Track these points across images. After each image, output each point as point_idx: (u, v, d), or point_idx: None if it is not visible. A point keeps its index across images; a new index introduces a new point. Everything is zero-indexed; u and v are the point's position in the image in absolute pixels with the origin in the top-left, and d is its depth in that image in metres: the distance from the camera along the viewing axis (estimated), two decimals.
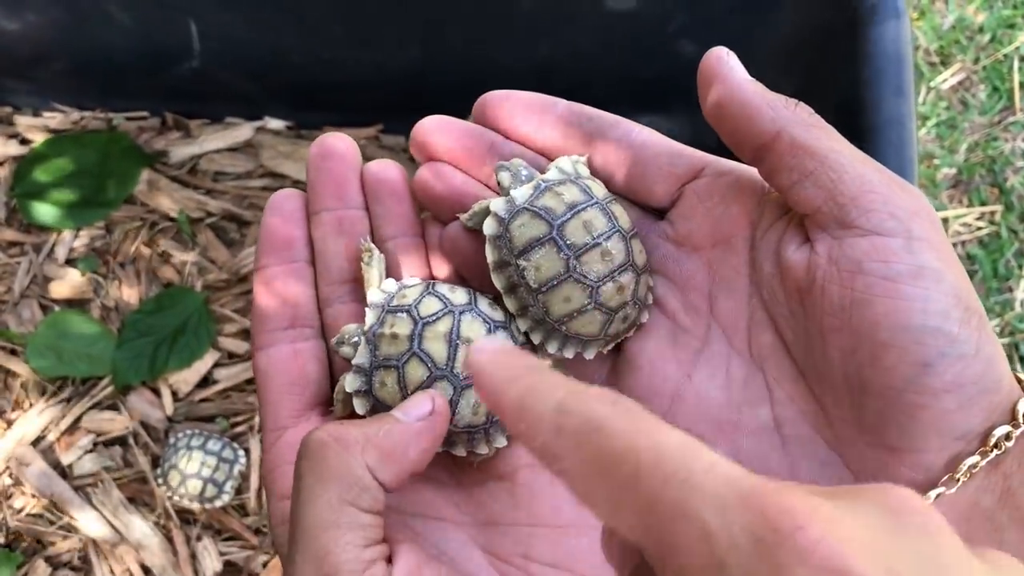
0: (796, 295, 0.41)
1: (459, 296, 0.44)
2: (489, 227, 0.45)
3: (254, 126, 1.10)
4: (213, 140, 1.10)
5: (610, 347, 0.47)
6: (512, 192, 0.45)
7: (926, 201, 0.38)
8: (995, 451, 0.37)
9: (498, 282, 0.45)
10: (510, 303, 0.46)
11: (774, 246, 0.42)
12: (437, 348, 0.43)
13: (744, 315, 0.44)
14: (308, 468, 0.38)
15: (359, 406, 0.44)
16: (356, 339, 0.44)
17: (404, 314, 0.43)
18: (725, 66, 0.41)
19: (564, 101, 0.46)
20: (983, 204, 1.41)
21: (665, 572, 0.25)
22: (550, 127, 0.46)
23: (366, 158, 0.46)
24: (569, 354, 0.46)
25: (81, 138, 1.09)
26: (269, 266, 0.46)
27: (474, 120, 0.47)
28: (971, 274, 1.37)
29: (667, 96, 1.04)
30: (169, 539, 0.99)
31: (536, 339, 0.46)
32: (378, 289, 0.45)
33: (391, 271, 0.46)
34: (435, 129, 0.46)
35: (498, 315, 0.45)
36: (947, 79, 1.47)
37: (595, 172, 0.47)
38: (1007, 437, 0.37)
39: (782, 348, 0.43)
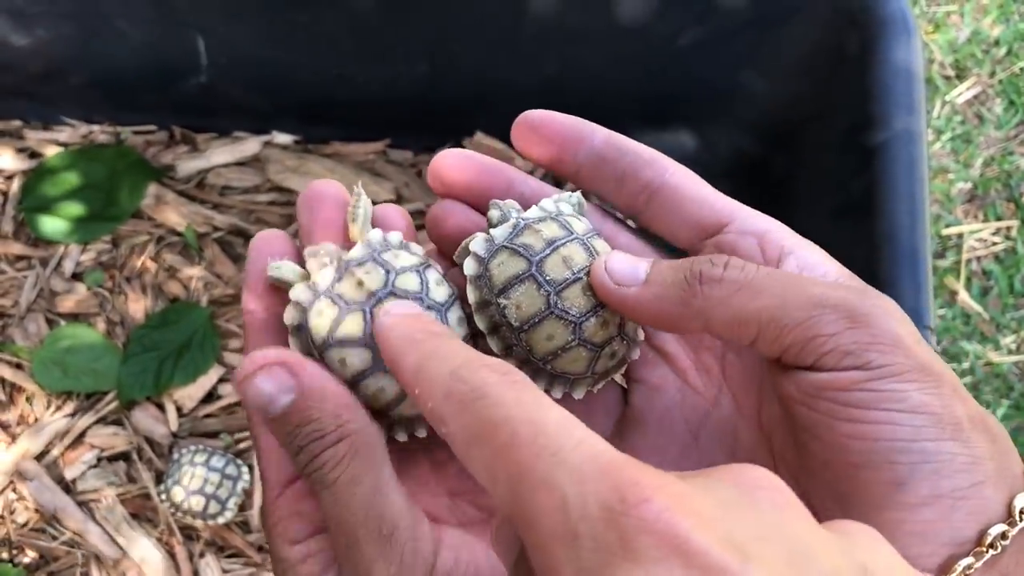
0: (778, 396, 0.40)
1: (442, 291, 0.43)
2: (469, 267, 0.44)
3: (261, 140, 1.10)
4: (220, 154, 1.10)
5: (600, 385, 0.46)
6: (492, 231, 0.44)
7: (889, 314, 0.37)
8: (990, 551, 0.36)
9: (481, 323, 0.45)
10: (494, 344, 0.45)
11: None
12: None
13: (755, 382, 0.43)
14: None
15: (289, 316, 0.42)
16: (326, 260, 0.43)
17: (382, 270, 0.42)
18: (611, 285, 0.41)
19: (603, 131, 0.45)
20: (999, 219, 1.40)
21: (528, 546, 0.25)
22: (584, 157, 0.45)
23: (374, 173, 0.45)
24: (557, 393, 0.45)
25: (89, 152, 1.09)
26: (256, 312, 0.44)
27: (513, 139, 0.46)
28: (986, 290, 1.36)
29: (676, 112, 1.04)
30: (172, 555, 0.98)
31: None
32: (379, 230, 0.44)
33: None
34: (454, 164, 0.45)
35: (461, 330, 0.44)
36: (962, 93, 1.46)
37: (621, 208, 0.46)
38: (1003, 536, 0.36)
39: (787, 417, 0.41)
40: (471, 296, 0.44)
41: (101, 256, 1.08)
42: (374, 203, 0.46)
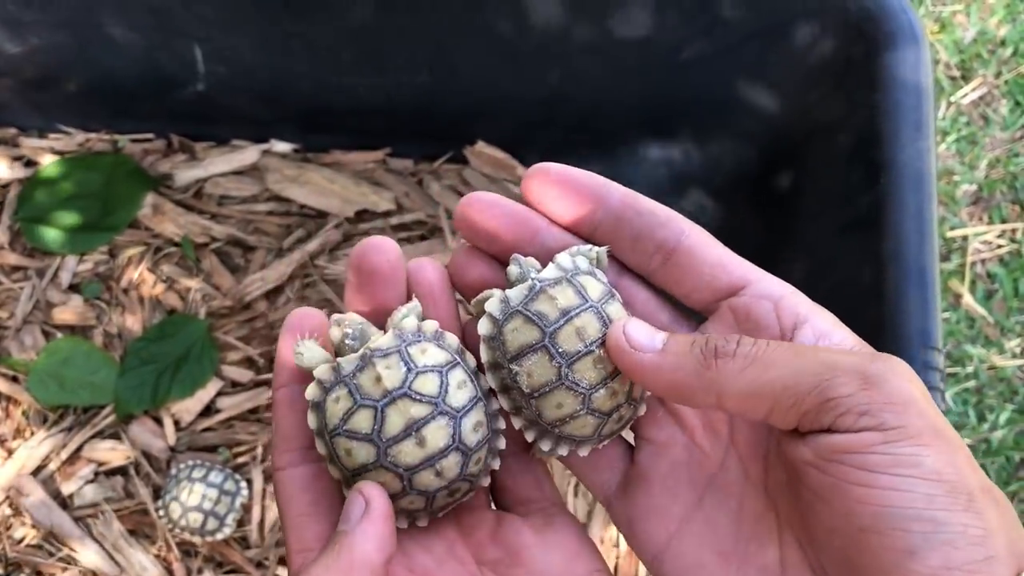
0: (786, 463, 0.40)
1: (463, 395, 0.43)
2: (483, 327, 0.44)
3: (260, 149, 1.09)
4: (218, 163, 1.08)
5: (605, 443, 0.46)
6: (508, 292, 0.44)
7: (899, 375, 0.37)
8: None
9: (492, 382, 0.45)
10: (504, 402, 0.45)
11: None
12: (394, 421, 0.42)
13: (763, 448, 0.43)
14: None
15: (312, 392, 0.43)
16: (350, 331, 0.44)
17: (404, 367, 0.42)
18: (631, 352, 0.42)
19: (620, 188, 0.45)
20: (1004, 221, 1.39)
21: None
22: (602, 216, 0.45)
23: (374, 182, 0.45)
24: (563, 452, 0.45)
25: (86, 160, 1.08)
26: (288, 385, 0.45)
27: (523, 192, 0.46)
28: (991, 293, 1.35)
29: (677, 124, 1.02)
30: (170, 572, 0.98)
31: (529, 437, 0.45)
32: (415, 318, 0.44)
33: None
34: (483, 210, 0.45)
35: (475, 436, 0.44)
36: (968, 94, 1.44)
37: (636, 267, 0.46)
38: None
39: (797, 488, 0.41)
40: (484, 355, 0.45)
41: (98, 267, 1.06)
42: (373, 214, 0.46)
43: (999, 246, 1.38)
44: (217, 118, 1.08)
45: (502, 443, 0.46)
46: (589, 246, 0.46)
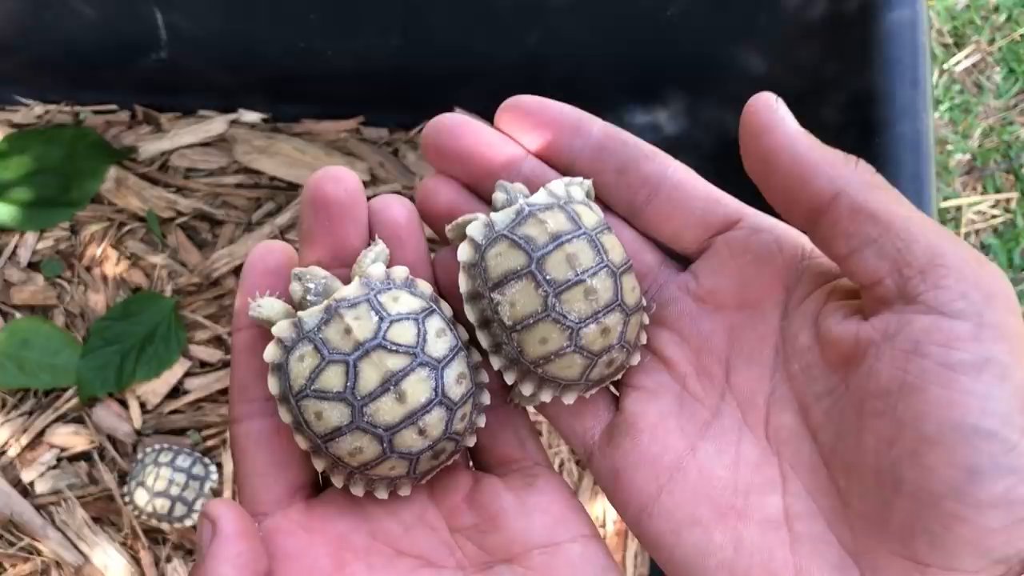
0: (838, 371, 0.37)
1: (443, 344, 0.40)
2: (464, 253, 0.41)
3: (228, 119, 1.04)
4: (185, 134, 1.04)
5: (592, 391, 0.43)
6: (493, 216, 0.41)
7: (1007, 282, 0.34)
8: None
9: (471, 315, 0.42)
10: (483, 338, 0.42)
11: (812, 316, 0.39)
12: (368, 375, 0.38)
13: (764, 390, 0.40)
14: None
15: (271, 353, 0.40)
16: (312, 286, 0.40)
17: (376, 316, 0.39)
18: (775, 115, 0.37)
19: (601, 122, 0.43)
20: (998, 191, 1.36)
21: None
22: (582, 147, 0.43)
23: (347, 152, 0.42)
24: (546, 397, 0.42)
25: (45, 133, 1.03)
26: (248, 328, 0.42)
27: (499, 123, 0.43)
28: None
29: (664, 87, 0.98)
30: (137, 561, 0.94)
31: (509, 379, 0.42)
32: (382, 264, 0.41)
33: None
34: (453, 130, 0.42)
35: (459, 389, 0.41)
36: (961, 61, 1.40)
37: (619, 204, 0.43)
38: None
39: (804, 432, 0.39)
40: (463, 284, 0.41)
41: (59, 244, 1.02)
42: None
43: (993, 216, 1.35)
44: (182, 87, 1.04)
45: (487, 398, 0.43)
46: (581, 179, 0.43)
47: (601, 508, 0.96)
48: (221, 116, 1.05)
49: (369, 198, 0.42)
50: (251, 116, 1.06)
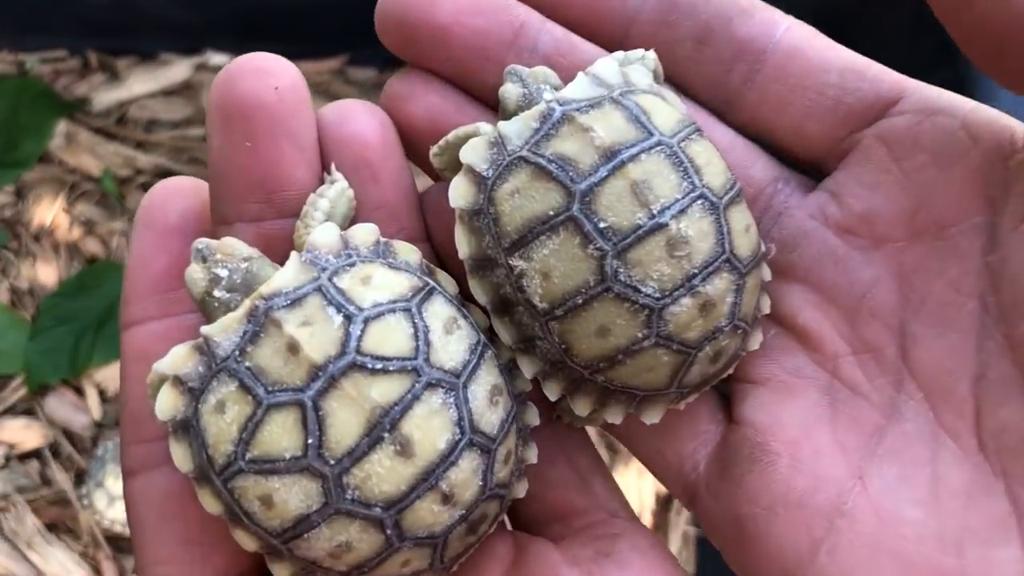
0: None
1: (459, 344, 0.27)
2: (459, 193, 0.28)
3: (192, 63, 0.97)
4: (144, 82, 0.97)
5: (689, 400, 0.30)
6: (502, 125, 0.28)
7: None
8: None
9: (480, 294, 0.28)
10: (503, 331, 0.28)
11: None
12: (344, 420, 0.25)
13: (970, 368, 0.28)
14: None
15: (165, 405, 0.26)
16: (224, 273, 0.27)
17: (339, 316, 0.26)
18: None
19: None
20: None
21: None
22: (636, 9, 0.30)
23: (331, 96, 0.31)
24: (614, 418, 0.29)
25: None
26: (141, 322, 0.30)
27: None
28: None
29: None
30: (98, 572, 0.85)
31: (552, 392, 0.28)
32: (334, 226, 0.28)
33: None
34: (435, 3, 0.30)
35: (495, 416, 0.27)
36: None
37: (705, 90, 0.31)
38: None
39: None
40: (462, 246, 0.28)
41: (3, 210, 0.94)
42: None
43: None
44: (140, 27, 0.97)
45: (535, 417, 0.29)
46: (641, 50, 0.30)
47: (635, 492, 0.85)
48: (185, 59, 0.98)
49: None
50: (219, 58, 0.97)
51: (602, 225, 0.26)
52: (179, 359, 0.26)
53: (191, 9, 0.93)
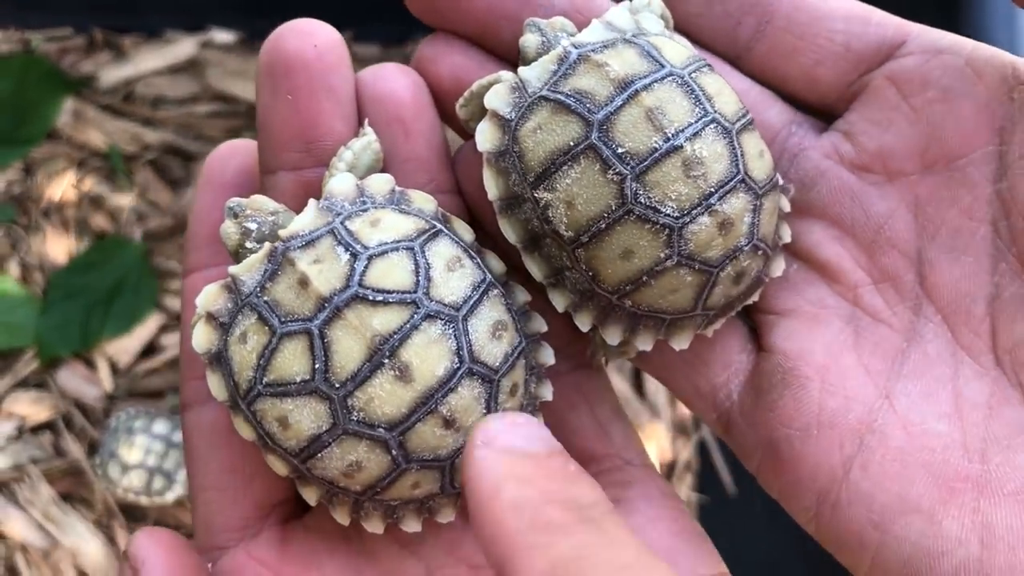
0: None
1: (461, 281, 0.28)
2: (486, 138, 0.29)
3: (198, 40, 0.95)
4: (150, 59, 0.95)
5: (716, 325, 0.31)
6: (522, 71, 0.29)
7: None
8: None
9: (510, 232, 0.30)
10: (533, 266, 0.30)
11: None
12: (347, 347, 0.27)
13: (984, 291, 0.29)
14: None
15: (201, 339, 0.29)
16: (253, 226, 0.29)
17: (346, 254, 0.27)
18: None
19: None
20: None
21: None
22: None
23: None
24: (644, 344, 0.30)
25: None
26: (199, 269, 0.32)
27: None
28: None
29: None
30: (113, 541, 0.85)
31: (582, 323, 0.30)
32: (351, 176, 0.30)
33: None
34: None
35: (497, 348, 0.29)
36: None
37: (718, 41, 0.32)
38: None
39: None
40: (490, 187, 0.29)
41: (12, 187, 0.93)
42: None
43: None
44: (145, 5, 0.96)
45: (549, 355, 0.30)
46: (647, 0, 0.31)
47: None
48: (190, 37, 0.96)
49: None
50: (224, 36, 0.96)
51: (620, 151, 0.27)
52: (210, 296, 0.28)
53: None
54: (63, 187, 0.93)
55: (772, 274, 0.31)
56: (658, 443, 0.85)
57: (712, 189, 0.28)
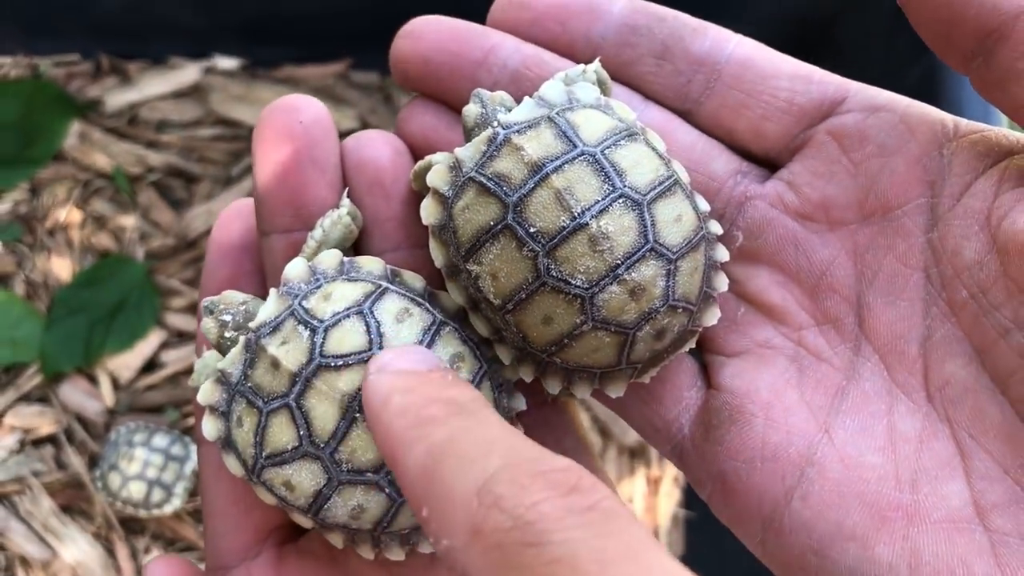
0: None
1: (411, 329, 0.31)
2: (427, 212, 0.31)
3: (201, 66, 0.96)
4: (155, 84, 0.96)
5: (652, 373, 0.32)
6: (457, 151, 0.31)
7: None
8: None
9: (455, 295, 0.32)
10: (478, 325, 0.32)
11: (981, 215, 0.29)
12: (322, 412, 0.29)
13: (917, 332, 0.31)
14: None
15: (209, 429, 0.32)
16: (228, 318, 0.32)
17: (306, 331, 0.30)
18: None
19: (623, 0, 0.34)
20: None
21: None
22: (603, 32, 0.33)
23: (334, 99, 0.36)
24: (583, 393, 0.32)
25: (0, 88, 0.95)
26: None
27: (493, 23, 0.35)
28: None
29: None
30: (112, 553, 0.85)
31: (526, 375, 0.32)
32: (302, 260, 0.32)
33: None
34: (420, 32, 0.34)
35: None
36: None
37: (669, 98, 0.33)
38: None
39: (986, 384, 0.29)
40: (436, 256, 0.32)
41: (18, 207, 0.94)
42: (340, 136, 0.34)
43: None
44: (150, 32, 0.96)
45: (521, 403, 0.33)
46: (583, 66, 0.33)
47: (629, 490, 0.87)
48: (194, 63, 0.97)
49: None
50: (227, 62, 0.97)
51: (532, 230, 0.29)
52: (207, 392, 0.31)
53: (200, 15, 0.93)
54: (68, 207, 0.93)
55: (705, 324, 0.32)
56: (645, 460, 0.87)
57: (619, 260, 0.29)
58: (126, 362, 0.90)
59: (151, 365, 0.90)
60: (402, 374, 0.23)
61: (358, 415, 0.29)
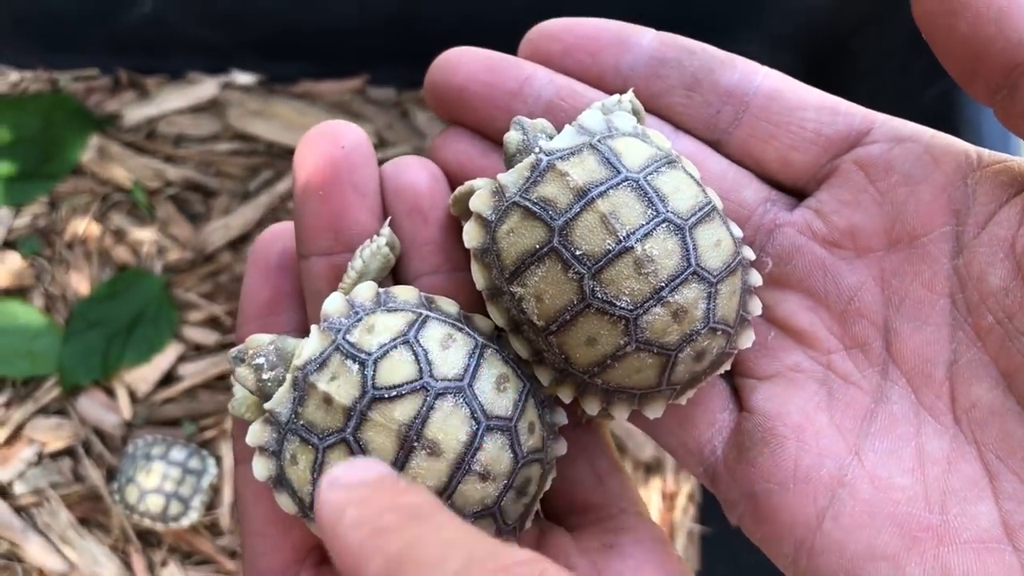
0: None
1: (456, 354, 0.31)
2: (470, 236, 0.32)
3: (219, 81, 0.97)
4: (173, 99, 0.97)
5: (689, 394, 0.33)
6: (500, 177, 0.32)
7: None
8: None
9: (497, 317, 0.32)
10: (519, 347, 0.32)
11: (1006, 242, 0.30)
12: (380, 443, 0.30)
13: (944, 357, 0.31)
14: None
15: (260, 469, 0.32)
16: (262, 361, 0.32)
17: (355, 365, 0.30)
18: None
19: (651, 31, 0.35)
20: None
21: None
22: (633, 64, 0.34)
23: (351, 114, 0.36)
24: (622, 415, 0.32)
25: (20, 102, 0.96)
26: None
27: (525, 55, 0.36)
28: None
29: (699, 30, 0.89)
30: (128, 565, 0.86)
31: (565, 396, 0.32)
32: (339, 294, 0.32)
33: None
34: (455, 63, 0.35)
35: (505, 400, 0.31)
36: None
37: (698, 128, 0.34)
38: None
39: (1012, 406, 0.29)
40: (477, 279, 0.32)
41: (38, 220, 0.94)
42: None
43: None
44: (169, 47, 0.96)
45: (562, 417, 0.33)
46: (618, 96, 0.33)
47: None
48: (212, 78, 0.97)
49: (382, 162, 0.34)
50: (244, 77, 0.97)
51: (578, 253, 0.30)
52: (256, 433, 0.31)
53: (218, 30, 0.93)
54: (87, 220, 0.93)
55: (741, 346, 0.33)
56: (661, 475, 0.87)
57: (663, 283, 0.30)
58: (144, 375, 0.90)
59: (168, 378, 0.90)
60: (354, 487, 0.23)
61: (416, 443, 0.29)
